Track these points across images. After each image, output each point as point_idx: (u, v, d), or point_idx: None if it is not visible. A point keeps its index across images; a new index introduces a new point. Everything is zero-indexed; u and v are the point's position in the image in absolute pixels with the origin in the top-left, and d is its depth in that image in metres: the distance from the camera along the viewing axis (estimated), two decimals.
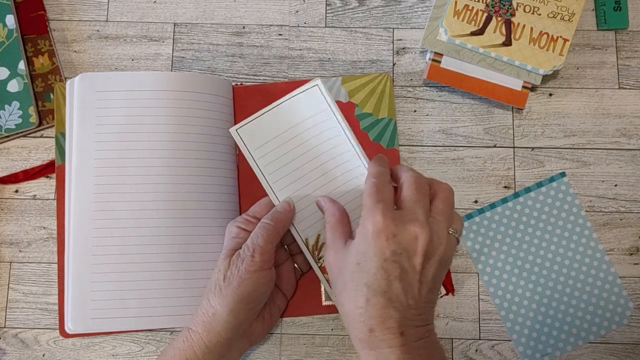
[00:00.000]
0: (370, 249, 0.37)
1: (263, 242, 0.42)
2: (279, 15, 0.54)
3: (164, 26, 0.54)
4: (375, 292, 0.36)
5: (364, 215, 0.38)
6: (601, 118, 0.52)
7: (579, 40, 0.53)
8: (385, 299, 0.36)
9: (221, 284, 0.41)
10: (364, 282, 0.37)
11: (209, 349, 0.41)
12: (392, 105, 0.51)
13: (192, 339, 0.41)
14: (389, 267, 0.36)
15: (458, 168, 0.51)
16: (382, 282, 0.36)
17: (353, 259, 0.38)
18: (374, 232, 0.37)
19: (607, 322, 0.49)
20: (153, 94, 0.47)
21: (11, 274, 0.50)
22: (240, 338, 0.43)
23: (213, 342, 0.41)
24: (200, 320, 0.42)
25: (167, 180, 0.46)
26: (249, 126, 0.47)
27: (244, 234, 0.44)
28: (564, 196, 0.51)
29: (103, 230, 0.46)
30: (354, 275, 0.38)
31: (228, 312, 0.41)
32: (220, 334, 0.41)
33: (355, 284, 0.37)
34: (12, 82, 0.51)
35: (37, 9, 0.53)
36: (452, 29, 0.50)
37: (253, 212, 0.45)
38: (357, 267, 0.37)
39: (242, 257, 0.42)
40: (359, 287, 0.37)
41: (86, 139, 0.47)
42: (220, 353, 0.42)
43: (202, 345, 0.41)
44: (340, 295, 0.39)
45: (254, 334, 0.45)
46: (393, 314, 0.36)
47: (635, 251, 0.50)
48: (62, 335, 0.48)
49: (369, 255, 0.37)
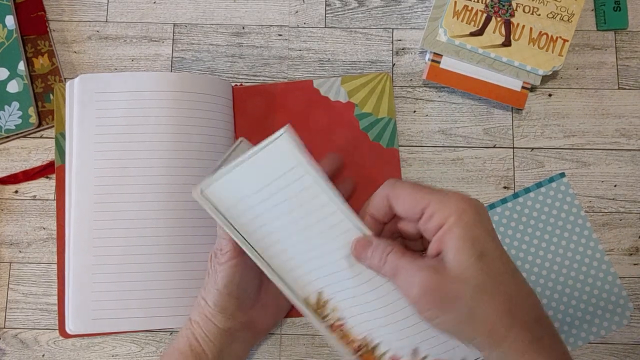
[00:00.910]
0: (482, 230, 0.32)
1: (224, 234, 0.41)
2: (278, 16, 0.54)
3: (164, 27, 0.54)
4: (514, 299, 0.32)
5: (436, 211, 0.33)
6: (601, 118, 0.52)
7: (578, 41, 0.53)
8: (525, 295, 0.33)
9: (206, 279, 0.43)
10: (503, 298, 0.32)
11: (208, 338, 0.42)
12: (392, 105, 0.51)
13: (194, 328, 0.43)
14: (496, 240, 0.33)
15: (457, 168, 0.51)
16: (512, 286, 0.32)
17: (472, 251, 0.32)
18: (471, 213, 0.32)
19: (607, 323, 0.49)
20: (153, 95, 0.47)
21: (11, 274, 0.50)
22: (241, 328, 0.43)
23: (211, 332, 0.42)
24: (197, 311, 0.43)
25: (167, 181, 0.46)
26: (216, 186, 0.39)
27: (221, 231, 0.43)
28: (564, 196, 0.51)
29: (104, 231, 0.46)
30: (482, 297, 0.32)
31: (214, 304, 0.42)
32: (215, 324, 0.42)
33: (497, 275, 0.32)
34: (11, 82, 0.51)
35: (37, 10, 0.53)
36: (452, 30, 0.50)
37: None
38: (481, 257, 0.32)
39: (214, 253, 0.42)
40: (497, 307, 0.32)
41: (86, 141, 0.47)
42: (220, 343, 0.42)
43: (202, 334, 0.42)
44: (476, 307, 0.32)
45: (258, 325, 0.45)
46: (536, 302, 0.33)
47: (634, 251, 0.50)
48: (61, 336, 0.48)
49: (486, 237, 0.32)
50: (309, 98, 0.51)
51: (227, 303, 0.42)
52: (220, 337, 0.42)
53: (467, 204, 0.33)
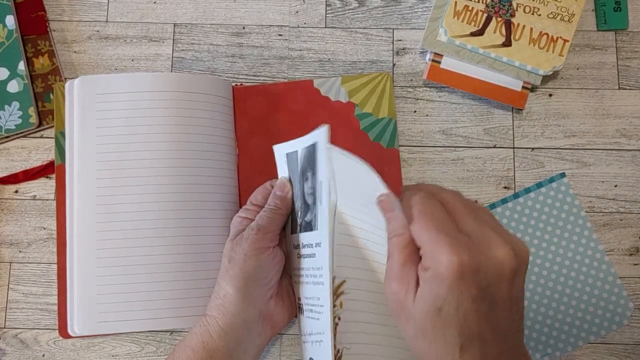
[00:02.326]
0: (451, 293, 0.32)
1: (267, 223, 0.43)
2: (279, 16, 0.54)
3: (164, 27, 0.54)
4: (470, 338, 0.32)
5: (427, 252, 0.33)
6: (601, 118, 0.52)
7: (579, 41, 0.53)
8: (481, 342, 0.32)
9: (227, 266, 0.42)
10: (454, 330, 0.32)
11: (225, 331, 0.42)
12: (392, 105, 0.51)
13: (209, 323, 0.42)
14: (479, 306, 0.32)
15: (458, 168, 0.51)
16: (474, 325, 0.32)
17: (431, 305, 0.32)
18: (451, 275, 0.31)
19: (607, 323, 0.49)
20: (153, 95, 0.47)
21: (11, 274, 0.50)
22: (258, 320, 0.43)
23: (228, 324, 0.42)
24: (214, 304, 0.43)
25: (168, 182, 0.46)
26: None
27: (245, 221, 0.44)
28: (564, 197, 0.51)
29: (107, 232, 0.46)
30: (436, 322, 0.32)
31: (237, 290, 0.42)
32: (234, 315, 0.42)
33: (441, 331, 0.32)
34: (12, 82, 0.51)
35: (37, 10, 0.53)
36: (452, 30, 0.50)
37: (252, 199, 0.46)
38: (438, 313, 0.32)
39: (245, 237, 0.42)
40: (446, 335, 0.32)
41: (88, 142, 0.47)
42: (237, 336, 0.42)
43: (218, 328, 0.42)
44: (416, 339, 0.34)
45: (275, 317, 0.45)
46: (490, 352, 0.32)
47: (635, 251, 0.50)
48: (61, 336, 0.48)
49: (451, 300, 0.32)
50: (309, 98, 0.51)
51: (251, 289, 0.42)
52: (237, 329, 0.42)
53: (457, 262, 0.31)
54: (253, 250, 0.42)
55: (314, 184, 0.43)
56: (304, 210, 0.44)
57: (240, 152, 0.50)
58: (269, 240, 0.43)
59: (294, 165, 0.45)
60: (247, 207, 0.46)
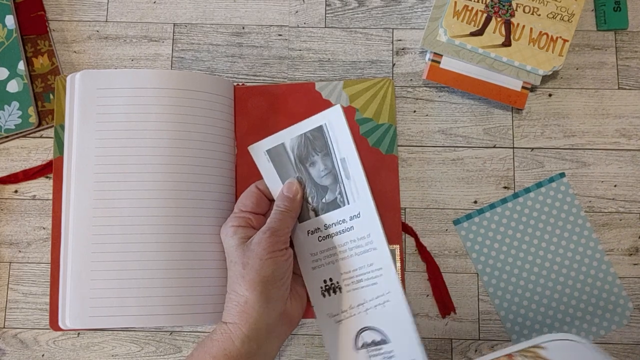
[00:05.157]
0: None
1: (278, 225, 0.43)
2: (278, 16, 0.54)
3: (164, 26, 0.54)
4: None
5: None
6: (601, 118, 0.52)
7: (578, 41, 0.53)
8: None
9: (242, 272, 0.42)
10: None
11: (248, 337, 0.41)
12: (393, 111, 0.51)
13: (230, 330, 0.42)
14: None
15: (457, 168, 0.51)
16: None
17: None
18: None
19: (607, 323, 0.49)
20: (154, 92, 0.47)
21: (11, 274, 0.50)
22: (278, 322, 0.43)
23: (252, 330, 0.41)
24: (234, 311, 0.42)
25: (167, 178, 0.46)
26: None
27: (241, 230, 0.44)
28: (564, 197, 0.51)
29: (103, 227, 0.46)
30: None
31: (258, 294, 0.41)
32: (257, 320, 0.42)
33: None
34: (11, 82, 0.51)
35: (36, 9, 0.53)
36: (452, 30, 0.50)
37: (241, 206, 0.46)
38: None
39: (257, 241, 0.42)
40: None
41: (87, 137, 0.47)
42: (259, 341, 0.42)
43: (240, 334, 0.41)
44: None
45: (292, 315, 0.45)
46: None
47: (634, 251, 0.50)
48: (52, 329, 0.48)
49: None
50: (311, 101, 0.51)
51: (271, 292, 0.42)
52: (260, 334, 0.42)
53: None
54: (268, 254, 0.42)
55: (328, 164, 0.46)
56: (319, 194, 0.47)
57: (239, 151, 0.50)
58: (282, 242, 0.43)
59: (283, 158, 0.47)
60: (237, 215, 0.45)
